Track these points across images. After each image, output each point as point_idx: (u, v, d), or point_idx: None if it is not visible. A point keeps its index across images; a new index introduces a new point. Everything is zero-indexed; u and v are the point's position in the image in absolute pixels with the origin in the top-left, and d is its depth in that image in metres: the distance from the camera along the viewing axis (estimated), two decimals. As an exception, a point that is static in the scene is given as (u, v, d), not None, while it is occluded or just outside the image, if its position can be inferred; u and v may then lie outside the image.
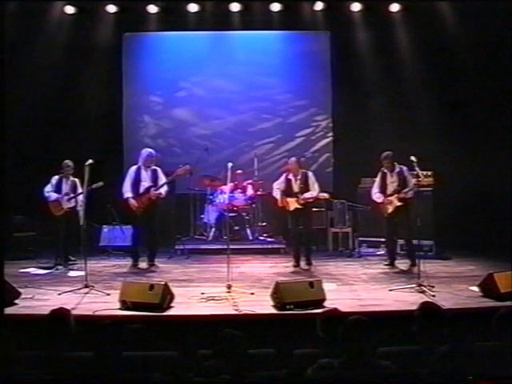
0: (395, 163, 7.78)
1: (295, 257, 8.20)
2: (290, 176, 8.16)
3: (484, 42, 9.24)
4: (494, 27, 8.87)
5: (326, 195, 8.09)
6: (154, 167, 8.28)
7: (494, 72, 9.15)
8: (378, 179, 8.10)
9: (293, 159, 8.28)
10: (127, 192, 8.13)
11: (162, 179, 8.22)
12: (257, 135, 10.87)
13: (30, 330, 3.99)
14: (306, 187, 8.02)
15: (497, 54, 9.08)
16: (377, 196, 8.07)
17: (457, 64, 9.69)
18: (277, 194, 8.20)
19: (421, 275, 6.45)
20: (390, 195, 7.91)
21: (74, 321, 3.89)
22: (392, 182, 7.94)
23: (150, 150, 8.42)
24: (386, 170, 7.99)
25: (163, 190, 8.15)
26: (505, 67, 8.77)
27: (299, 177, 8.09)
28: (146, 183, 8.15)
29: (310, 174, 8.20)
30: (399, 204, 7.80)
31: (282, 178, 8.25)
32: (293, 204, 8.05)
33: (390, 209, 7.90)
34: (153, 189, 8.09)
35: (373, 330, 3.41)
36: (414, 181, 7.61)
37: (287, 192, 8.10)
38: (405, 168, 7.75)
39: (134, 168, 8.27)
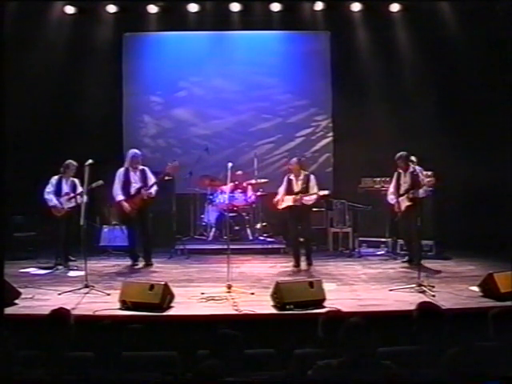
0: (410, 163, 7.76)
1: (295, 257, 8.20)
2: (292, 176, 8.18)
3: (484, 42, 9.24)
4: (494, 27, 8.87)
5: (326, 192, 8.07)
6: (142, 167, 8.28)
7: (493, 71, 9.13)
8: (393, 180, 8.23)
9: (294, 160, 8.30)
10: (118, 195, 8.14)
11: (151, 179, 8.23)
12: (257, 135, 10.85)
13: (30, 330, 3.98)
14: (306, 188, 8.02)
15: (497, 53, 9.07)
16: (390, 198, 8.21)
17: (457, 64, 9.68)
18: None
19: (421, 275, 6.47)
20: (402, 195, 8.00)
21: (74, 321, 3.89)
22: (405, 182, 8.03)
23: (135, 150, 8.42)
24: (400, 170, 8.08)
25: (153, 190, 8.17)
26: (505, 67, 8.76)
27: (301, 177, 8.10)
28: (136, 184, 8.16)
29: (312, 176, 8.19)
30: (409, 204, 7.86)
31: (285, 179, 8.27)
32: (287, 201, 8.05)
33: (402, 208, 7.99)
34: (143, 189, 8.10)
35: (372, 331, 3.41)
36: (426, 181, 7.64)
37: (288, 191, 8.11)
38: (418, 168, 7.70)
39: (121, 170, 8.25)
